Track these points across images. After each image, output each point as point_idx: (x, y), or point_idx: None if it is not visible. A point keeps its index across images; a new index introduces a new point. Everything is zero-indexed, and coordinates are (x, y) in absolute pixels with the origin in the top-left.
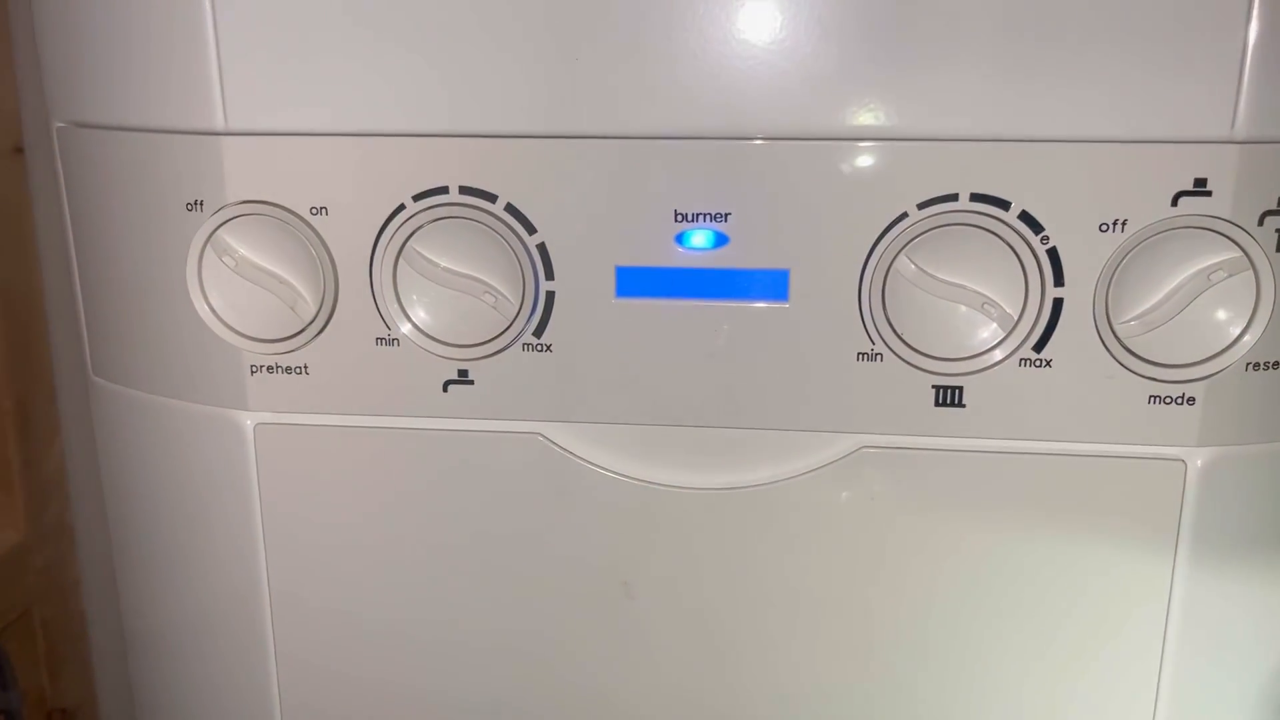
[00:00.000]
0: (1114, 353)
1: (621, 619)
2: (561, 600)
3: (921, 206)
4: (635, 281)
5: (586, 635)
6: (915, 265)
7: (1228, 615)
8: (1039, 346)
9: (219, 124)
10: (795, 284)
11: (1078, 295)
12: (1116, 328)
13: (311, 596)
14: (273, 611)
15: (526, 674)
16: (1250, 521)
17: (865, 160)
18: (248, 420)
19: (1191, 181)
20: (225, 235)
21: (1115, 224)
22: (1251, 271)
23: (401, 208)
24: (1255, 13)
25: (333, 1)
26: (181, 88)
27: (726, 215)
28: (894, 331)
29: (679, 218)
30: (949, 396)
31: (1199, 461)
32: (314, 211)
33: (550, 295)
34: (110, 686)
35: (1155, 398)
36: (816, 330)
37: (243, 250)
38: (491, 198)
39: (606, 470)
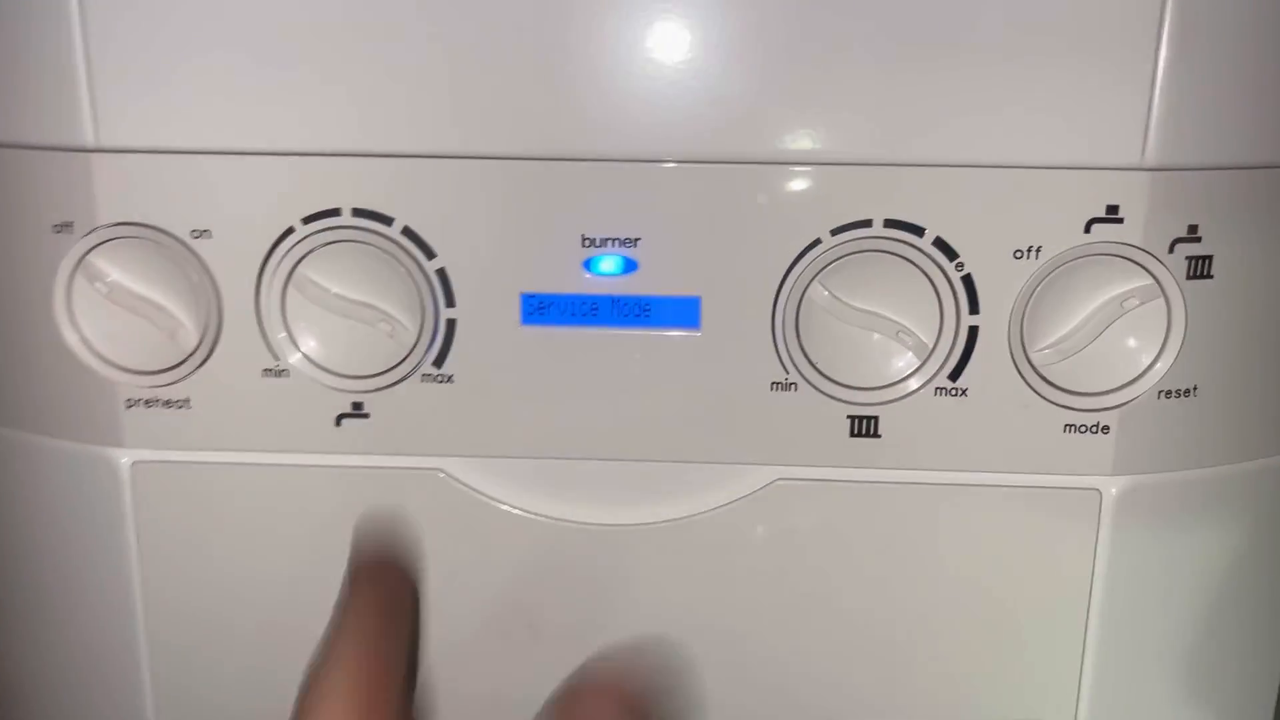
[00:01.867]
0: (1029, 381)
1: (529, 660)
2: (465, 644)
3: (835, 232)
4: (541, 309)
5: (492, 680)
6: (829, 292)
7: (1142, 639)
8: (954, 375)
9: (88, 140)
10: (707, 311)
11: (993, 323)
12: (1031, 356)
13: (192, 646)
14: (150, 663)
15: None
16: (1164, 549)
17: (778, 185)
18: (123, 458)
19: (1104, 208)
20: (97, 259)
21: (1029, 250)
22: (1163, 299)
23: (290, 230)
24: (1164, 43)
25: (214, 11)
26: (47, 100)
27: (636, 240)
28: (808, 360)
29: (586, 242)
30: (864, 427)
31: (1113, 490)
32: (195, 234)
33: (451, 323)
34: None
35: (1070, 426)
36: (729, 359)
37: (116, 275)
38: (387, 220)
39: (512, 507)
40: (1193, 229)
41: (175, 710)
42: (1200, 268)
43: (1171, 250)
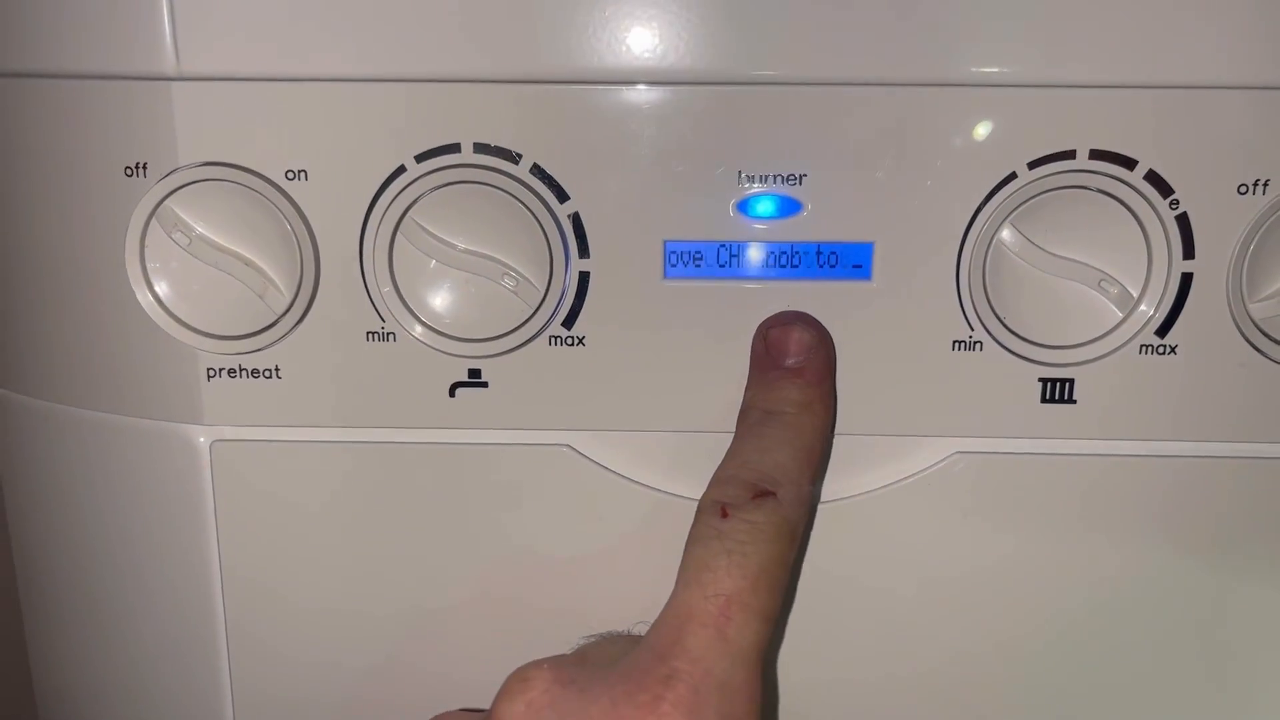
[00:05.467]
0: (1249, 336)
1: None
2: None
3: (1032, 166)
4: (689, 259)
5: None
6: (1023, 236)
7: None
8: (1163, 330)
9: (169, 67)
10: (880, 259)
11: (1209, 269)
12: (1251, 308)
13: (283, 653)
14: (232, 677)
15: None
16: None
17: (968, 111)
18: (202, 437)
19: None
20: (175, 207)
21: (1256, 185)
22: None
23: (401, 170)
24: None
25: None
26: (119, 20)
27: (801, 177)
28: (995, 315)
29: (743, 180)
30: (1058, 391)
31: None
32: (290, 176)
33: (584, 277)
34: None
35: None
36: (905, 314)
37: (198, 226)
38: (514, 158)
39: (652, 489)
40: None
41: (256, 709)
42: None
43: None
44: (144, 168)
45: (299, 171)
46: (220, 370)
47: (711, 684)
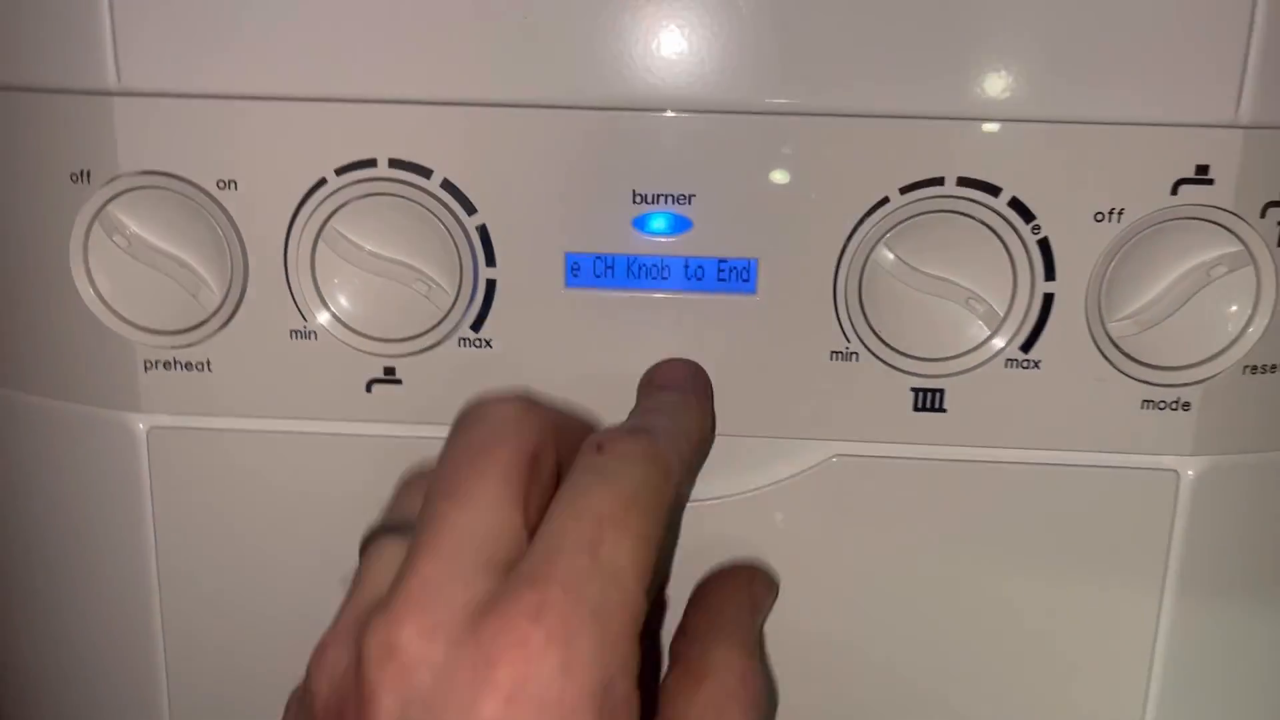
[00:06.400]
0: (1106, 353)
1: None
2: None
3: (904, 191)
4: (588, 270)
5: None
6: (896, 256)
7: (1219, 634)
8: (1026, 346)
9: (110, 82)
10: (764, 275)
11: (1069, 290)
12: (1109, 326)
13: (209, 621)
14: (166, 645)
15: None
16: (1246, 535)
17: (845, 139)
18: (140, 423)
19: (1193, 168)
20: (116, 211)
21: (1111, 213)
22: (1252, 267)
23: (322, 182)
24: None
25: None
26: (66, 40)
27: (690, 197)
28: (871, 328)
29: (638, 199)
30: (929, 400)
31: (1192, 472)
32: (221, 185)
33: (491, 284)
34: None
35: (1148, 403)
36: (787, 326)
37: (136, 228)
38: (426, 173)
39: None
40: None
41: (190, 690)
42: None
43: (1264, 215)
44: (87, 175)
45: (229, 181)
46: (156, 362)
47: (584, 611)
